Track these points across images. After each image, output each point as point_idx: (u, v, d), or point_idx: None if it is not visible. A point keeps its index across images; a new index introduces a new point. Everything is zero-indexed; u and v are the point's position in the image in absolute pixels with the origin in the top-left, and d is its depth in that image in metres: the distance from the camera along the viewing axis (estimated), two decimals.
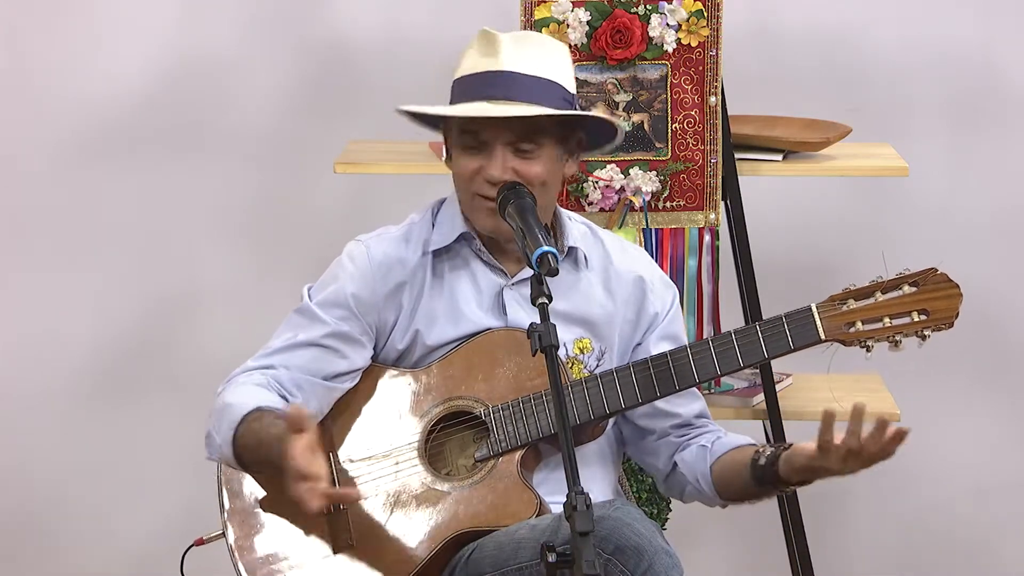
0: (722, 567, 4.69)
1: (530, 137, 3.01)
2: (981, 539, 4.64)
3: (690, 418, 3.18)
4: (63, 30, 4.54)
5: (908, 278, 3.03)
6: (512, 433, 3.06)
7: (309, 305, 3.13)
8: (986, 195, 4.52)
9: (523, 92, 2.99)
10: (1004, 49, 4.47)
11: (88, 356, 4.63)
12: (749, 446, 3.11)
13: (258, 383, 3.07)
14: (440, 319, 3.12)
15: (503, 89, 2.99)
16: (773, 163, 3.93)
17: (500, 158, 3.00)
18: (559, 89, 3.03)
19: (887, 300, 3.03)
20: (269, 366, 3.10)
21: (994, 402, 4.59)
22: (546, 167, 3.03)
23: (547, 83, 3.01)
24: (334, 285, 3.13)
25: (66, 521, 4.67)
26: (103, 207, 4.59)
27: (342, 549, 3.05)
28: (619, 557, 2.84)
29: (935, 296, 3.02)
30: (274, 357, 3.11)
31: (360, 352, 3.12)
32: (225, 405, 3.03)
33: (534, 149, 3.02)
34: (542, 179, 3.03)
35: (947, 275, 3.02)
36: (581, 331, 3.16)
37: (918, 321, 3.03)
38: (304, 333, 3.11)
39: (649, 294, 3.18)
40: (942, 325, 3.03)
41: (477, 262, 3.14)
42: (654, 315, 3.18)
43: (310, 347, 3.10)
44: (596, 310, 3.17)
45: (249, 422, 2.98)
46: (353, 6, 4.51)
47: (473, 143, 3.03)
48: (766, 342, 3.04)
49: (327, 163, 3.99)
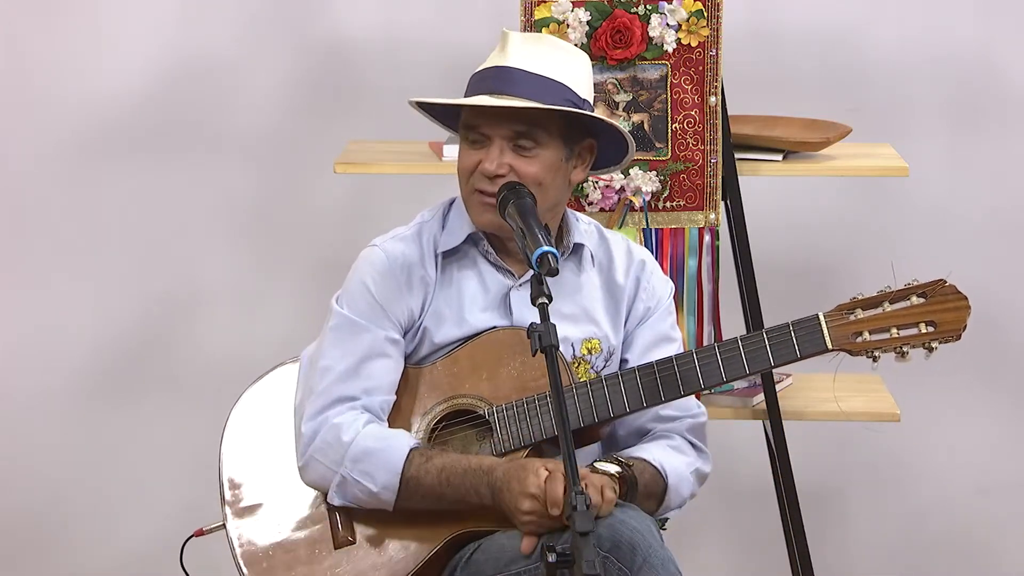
0: (722, 567, 4.69)
1: (530, 134, 3.02)
2: (981, 539, 4.64)
3: (672, 415, 3.19)
4: (63, 30, 4.54)
5: (916, 289, 3.03)
6: (515, 433, 3.07)
7: (348, 316, 3.12)
8: (986, 195, 4.52)
9: (523, 88, 3.01)
10: (1004, 49, 4.47)
11: (88, 356, 4.63)
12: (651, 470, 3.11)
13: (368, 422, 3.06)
14: (447, 319, 3.13)
15: (505, 84, 3.02)
16: (773, 163, 3.93)
17: (496, 152, 3.02)
18: (564, 90, 3.04)
19: (895, 311, 3.03)
20: (349, 396, 3.08)
21: (994, 402, 4.59)
22: (544, 167, 3.04)
23: (551, 82, 3.03)
24: (361, 292, 3.12)
25: (66, 520, 4.67)
26: (103, 207, 4.58)
27: (343, 545, 3.05)
28: (615, 554, 2.86)
29: (943, 308, 3.01)
30: (348, 385, 3.08)
31: (401, 351, 3.13)
32: (365, 451, 3.02)
33: (533, 147, 3.03)
34: (538, 179, 3.03)
35: (955, 287, 3.02)
36: (590, 331, 3.16)
37: (925, 333, 3.02)
38: (356, 347, 3.09)
39: (641, 292, 3.20)
40: (950, 337, 3.02)
41: (485, 263, 3.15)
42: (645, 309, 3.20)
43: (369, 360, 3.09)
44: (601, 310, 3.18)
45: (417, 467, 3.00)
46: (353, 6, 4.51)
47: (475, 137, 3.05)
48: (773, 350, 3.04)
49: (327, 163, 3.99)
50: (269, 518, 3.10)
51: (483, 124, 3.03)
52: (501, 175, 3.03)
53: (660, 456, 3.11)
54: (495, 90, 3.02)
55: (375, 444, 3.02)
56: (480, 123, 3.04)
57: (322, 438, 3.05)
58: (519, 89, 3.01)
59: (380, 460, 3.01)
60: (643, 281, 3.21)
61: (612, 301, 3.20)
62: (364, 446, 3.02)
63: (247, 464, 3.15)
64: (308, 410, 3.08)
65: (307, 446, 3.07)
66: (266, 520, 3.10)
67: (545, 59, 3.03)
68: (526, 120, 3.02)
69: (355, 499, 3.04)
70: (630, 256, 3.23)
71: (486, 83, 3.04)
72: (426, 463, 3.00)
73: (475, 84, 3.06)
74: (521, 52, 3.04)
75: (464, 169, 3.07)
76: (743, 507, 4.63)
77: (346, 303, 3.13)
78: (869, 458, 4.62)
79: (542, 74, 3.02)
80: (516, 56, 3.04)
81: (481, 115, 3.03)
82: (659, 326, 3.21)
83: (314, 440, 3.06)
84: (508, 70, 3.03)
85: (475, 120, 3.04)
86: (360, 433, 3.04)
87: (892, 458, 4.61)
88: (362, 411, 3.07)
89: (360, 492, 3.03)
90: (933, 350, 3.03)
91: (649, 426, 3.18)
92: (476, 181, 3.06)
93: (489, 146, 3.03)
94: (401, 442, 3.03)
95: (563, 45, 3.11)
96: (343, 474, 3.03)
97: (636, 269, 3.21)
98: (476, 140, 3.05)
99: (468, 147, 3.07)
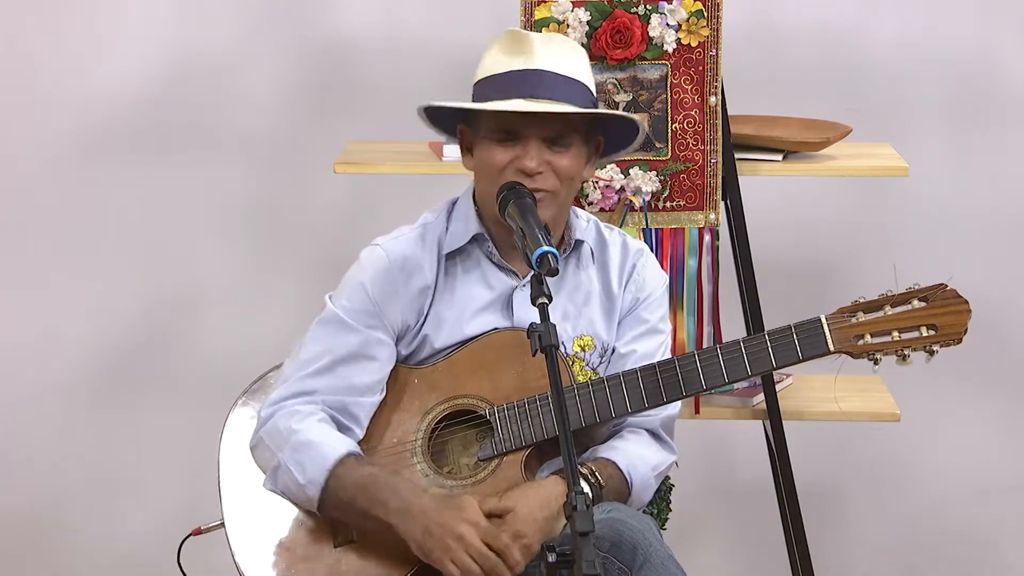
0: (722, 567, 4.69)
1: (564, 134, 3.05)
2: (981, 539, 4.64)
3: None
4: (64, 30, 4.54)
5: (918, 293, 3.05)
6: (516, 433, 3.07)
7: (337, 314, 3.12)
8: (986, 195, 4.52)
9: (559, 91, 3.03)
10: (1004, 49, 4.47)
11: (88, 356, 4.63)
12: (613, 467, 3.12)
13: (323, 419, 3.07)
14: (448, 324, 3.13)
15: (542, 88, 3.03)
16: (773, 163, 3.93)
17: (536, 151, 3.03)
18: (587, 90, 3.08)
19: (896, 314, 3.05)
20: (314, 391, 3.09)
21: (994, 402, 4.59)
22: (575, 162, 3.07)
23: (578, 83, 3.06)
24: (357, 291, 3.12)
25: (66, 520, 4.67)
26: (103, 207, 4.58)
27: (343, 544, 3.05)
28: (615, 553, 2.87)
29: (944, 311, 3.04)
30: (318, 380, 3.10)
31: (390, 354, 3.13)
32: (305, 442, 3.03)
33: (566, 145, 3.06)
34: (571, 174, 3.07)
35: (956, 291, 3.05)
36: (581, 329, 3.17)
37: (927, 336, 3.04)
38: (338, 346, 3.10)
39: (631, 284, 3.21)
40: (950, 341, 3.05)
41: (488, 263, 3.16)
42: (633, 300, 3.21)
43: (347, 362, 3.09)
44: (597, 307, 3.18)
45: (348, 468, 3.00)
46: (353, 6, 4.51)
47: (508, 137, 3.05)
48: (775, 352, 3.05)
49: (327, 163, 3.99)
50: (268, 516, 3.10)
51: (520, 127, 3.04)
52: (540, 172, 3.04)
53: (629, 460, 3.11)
54: (534, 94, 3.03)
55: (317, 438, 3.03)
56: (516, 126, 3.05)
57: (274, 422, 3.07)
58: (554, 92, 3.03)
59: (315, 453, 3.02)
60: (635, 273, 3.22)
61: (608, 298, 3.20)
62: (307, 437, 3.03)
63: (246, 463, 3.15)
64: (273, 395, 3.11)
65: (259, 428, 3.10)
66: (265, 518, 3.10)
67: (566, 60, 3.07)
68: (561, 122, 3.05)
69: (285, 488, 3.05)
70: (626, 250, 3.23)
71: (519, 87, 3.04)
72: (355, 467, 3.01)
73: (504, 87, 3.05)
74: (546, 54, 3.05)
75: (495, 166, 3.06)
76: (743, 507, 4.63)
77: (340, 300, 3.13)
78: (869, 458, 4.62)
79: (570, 76, 3.05)
80: (543, 58, 3.05)
81: (520, 120, 3.04)
82: (647, 316, 3.21)
83: (266, 423, 3.08)
84: (541, 73, 3.04)
85: (509, 123, 3.05)
86: (310, 426, 3.04)
87: (892, 458, 4.61)
88: (323, 408, 3.08)
89: (290, 481, 3.04)
90: (934, 353, 3.05)
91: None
92: (509, 176, 3.06)
93: (525, 143, 3.04)
94: (342, 444, 3.04)
95: (571, 43, 3.13)
96: (280, 459, 3.04)
97: (631, 261, 3.22)
98: (507, 139, 3.06)
99: (497, 145, 3.06)
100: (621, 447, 3.12)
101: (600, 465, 3.07)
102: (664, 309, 3.25)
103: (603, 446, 3.14)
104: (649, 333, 3.21)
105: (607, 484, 3.05)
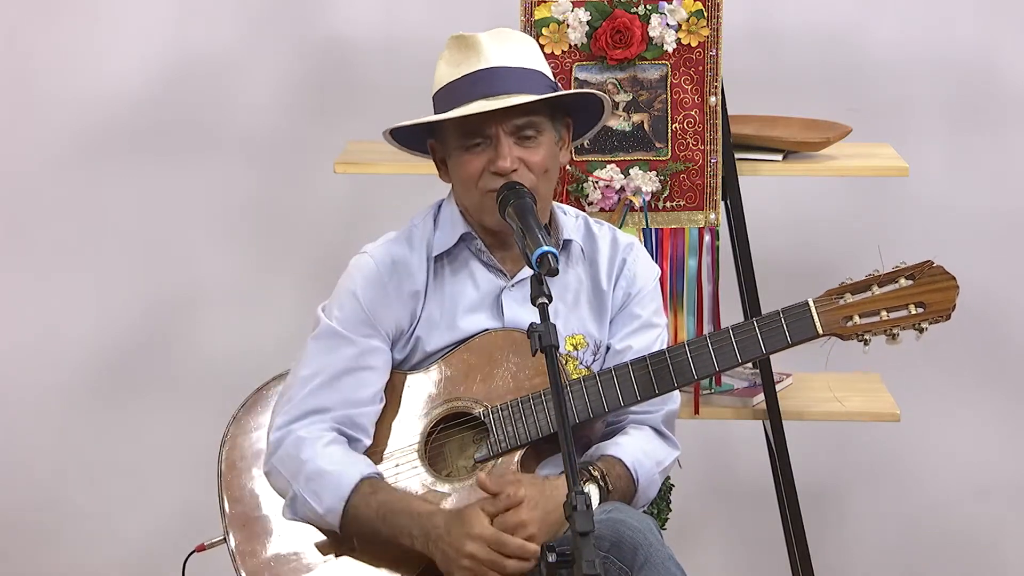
0: (722, 567, 4.69)
1: (530, 124, 3.05)
2: (981, 539, 4.64)
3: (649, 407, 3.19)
4: (63, 30, 4.54)
5: (904, 271, 3.05)
6: (511, 433, 3.06)
7: (331, 327, 3.12)
8: (986, 195, 4.52)
9: (514, 84, 3.04)
10: (1004, 49, 4.47)
11: (88, 356, 4.63)
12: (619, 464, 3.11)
13: (331, 441, 3.06)
14: (439, 325, 3.13)
15: (497, 84, 3.04)
16: (773, 163, 3.93)
17: (507, 149, 3.03)
18: (544, 77, 3.10)
19: (884, 293, 3.04)
20: (318, 409, 3.08)
21: (994, 402, 4.59)
22: (547, 152, 3.08)
23: (534, 72, 3.08)
24: (349, 300, 3.12)
25: (66, 521, 4.67)
26: (103, 207, 4.59)
27: (344, 553, 3.05)
28: (615, 554, 2.87)
29: (932, 288, 3.03)
30: (320, 397, 3.09)
31: (387, 361, 3.13)
32: (318, 472, 3.02)
33: (535, 136, 3.06)
34: (545, 166, 3.07)
35: (943, 267, 3.03)
36: (572, 327, 3.17)
37: (915, 314, 3.03)
38: (336, 360, 3.10)
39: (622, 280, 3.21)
40: (939, 317, 3.04)
41: (476, 263, 3.15)
42: (625, 295, 3.21)
43: (347, 375, 3.09)
44: (586, 305, 3.18)
45: (363, 497, 3.00)
46: (353, 6, 4.51)
47: (476, 141, 3.05)
48: (764, 337, 3.05)
49: (327, 163, 3.99)
50: (269, 529, 3.10)
51: (487, 126, 3.05)
52: (515, 170, 3.04)
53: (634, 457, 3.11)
54: (490, 93, 3.03)
55: (329, 467, 3.03)
56: (483, 126, 3.05)
57: (284, 450, 3.06)
58: (510, 86, 3.04)
59: (330, 483, 3.01)
60: (626, 268, 3.22)
61: (597, 295, 3.20)
62: (318, 466, 3.02)
63: (246, 476, 3.15)
64: (278, 419, 3.09)
65: (271, 455, 3.09)
66: (266, 531, 3.10)
67: (515, 52, 3.08)
68: (523, 112, 3.05)
69: (305, 517, 3.05)
70: (615, 245, 3.23)
71: (477, 87, 3.04)
72: (370, 495, 3.01)
73: (461, 93, 3.06)
74: (494, 50, 3.07)
75: (470, 176, 3.07)
76: (743, 507, 4.63)
77: (332, 312, 3.13)
78: (869, 458, 4.62)
79: (523, 66, 3.07)
80: (492, 55, 3.06)
81: (484, 120, 3.04)
82: (640, 312, 3.21)
83: (277, 450, 3.07)
84: (492, 71, 3.05)
85: (476, 127, 3.05)
86: (319, 453, 3.03)
87: (892, 458, 4.61)
88: (331, 426, 3.07)
89: (309, 512, 3.04)
90: (923, 331, 3.04)
91: (624, 414, 3.19)
92: (487, 182, 3.06)
93: (496, 145, 3.04)
94: (354, 469, 3.03)
95: (513, 33, 3.15)
96: (295, 491, 3.04)
97: (621, 256, 3.22)
98: (477, 144, 3.06)
99: (467, 153, 3.07)
100: (625, 443, 3.12)
101: (608, 464, 3.07)
102: (657, 303, 3.25)
103: (608, 443, 3.13)
104: (643, 328, 3.21)
105: (615, 486, 3.05)
